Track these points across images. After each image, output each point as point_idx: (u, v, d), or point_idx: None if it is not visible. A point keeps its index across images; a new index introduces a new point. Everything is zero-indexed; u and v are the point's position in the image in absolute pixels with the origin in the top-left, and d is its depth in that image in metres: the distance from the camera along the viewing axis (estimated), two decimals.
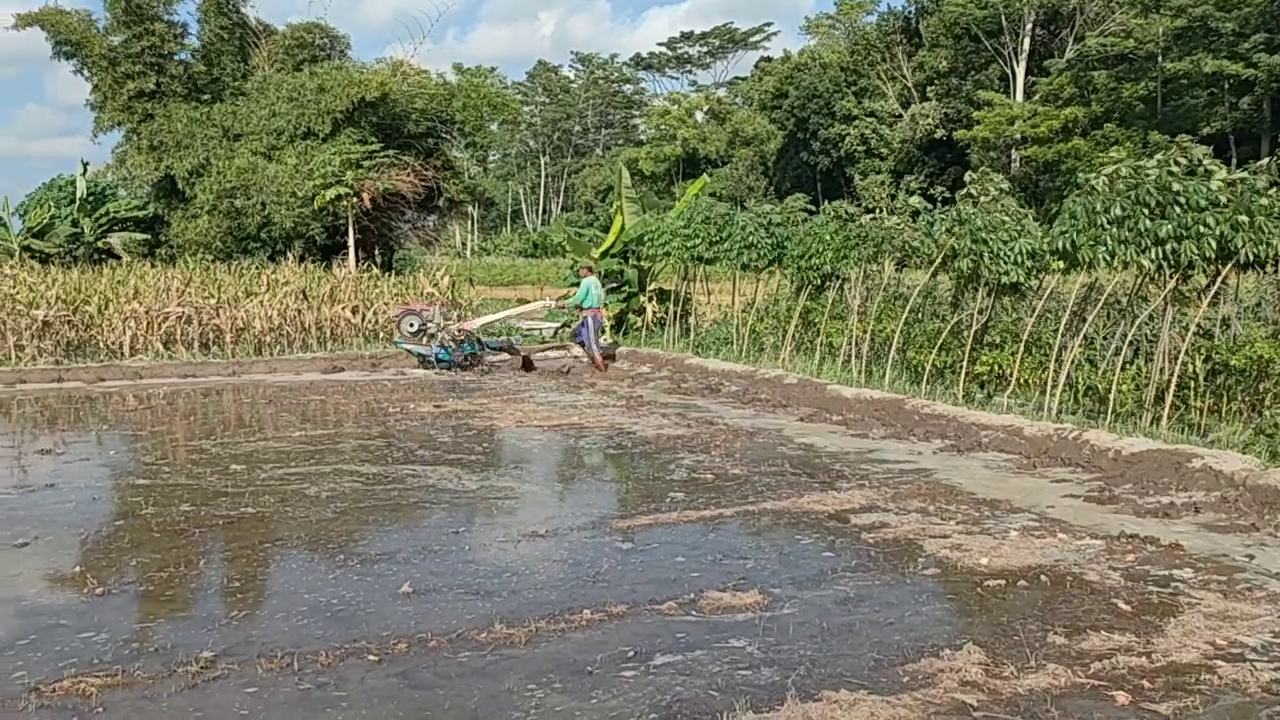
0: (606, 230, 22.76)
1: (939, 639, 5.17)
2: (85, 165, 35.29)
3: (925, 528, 7.26)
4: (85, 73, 32.23)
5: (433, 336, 17.52)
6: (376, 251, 31.41)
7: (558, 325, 20.63)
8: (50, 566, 6.54)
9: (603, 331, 18.01)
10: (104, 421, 13.04)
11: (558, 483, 9.62)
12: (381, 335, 20.43)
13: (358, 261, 28.21)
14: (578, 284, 18.55)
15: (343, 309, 20.61)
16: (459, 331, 17.66)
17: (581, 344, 18.09)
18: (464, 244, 71.23)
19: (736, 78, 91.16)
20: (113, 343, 18.63)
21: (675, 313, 19.85)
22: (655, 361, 17.86)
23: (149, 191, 34.14)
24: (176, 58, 32.60)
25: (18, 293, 18.43)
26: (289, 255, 26.07)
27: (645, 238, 19.74)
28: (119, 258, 31.11)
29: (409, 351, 17.80)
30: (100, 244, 33.67)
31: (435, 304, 18.80)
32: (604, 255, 21.39)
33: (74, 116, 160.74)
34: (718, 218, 17.68)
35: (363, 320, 20.79)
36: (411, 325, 17.67)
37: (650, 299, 21.45)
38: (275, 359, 18.56)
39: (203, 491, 8.52)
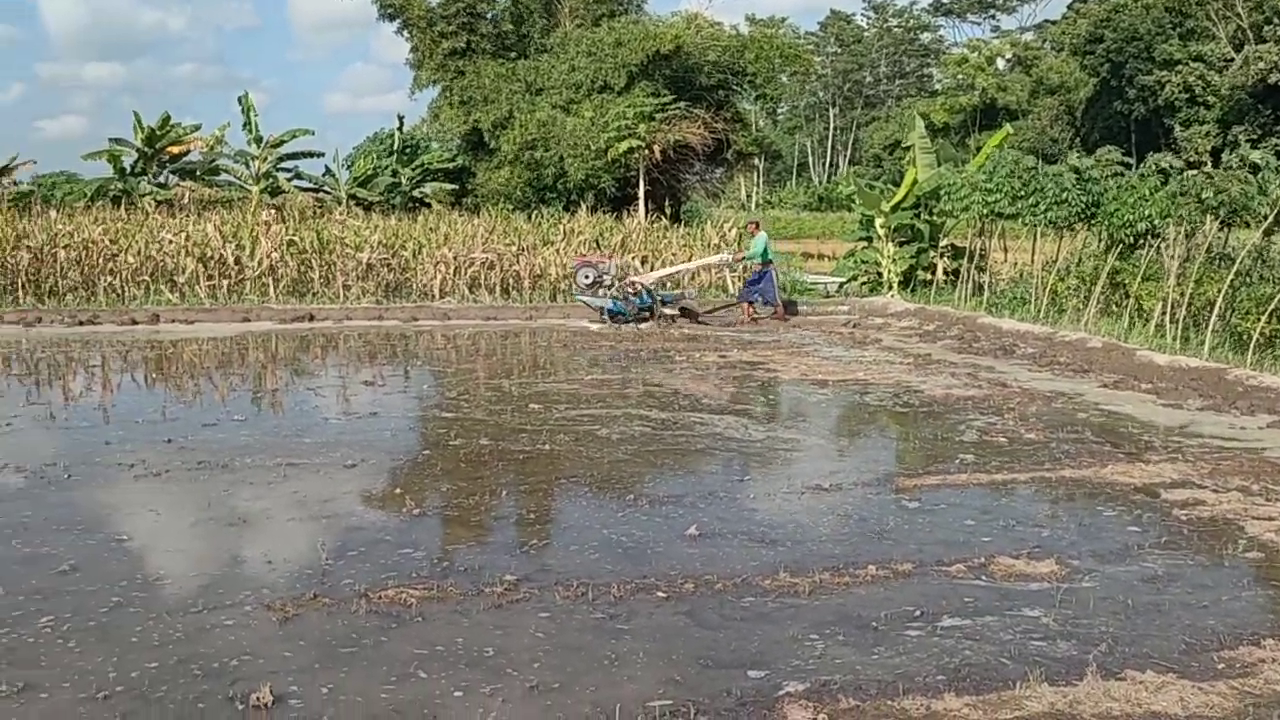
0: (896, 184, 22.08)
1: (1260, 627, 4.76)
2: (401, 119, 38.15)
3: (1248, 508, 6.65)
4: (405, 33, 34.53)
5: (608, 289, 17.64)
6: (665, 203, 32.00)
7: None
8: (374, 487, 7.18)
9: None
10: (416, 358, 14.11)
11: (841, 437, 9.54)
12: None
13: (647, 212, 28.85)
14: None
15: (633, 258, 21.19)
16: (632, 285, 17.73)
17: (751, 302, 18.70)
18: (749, 197, 71.40)
19: (1046, 21, 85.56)
20: (424, 285, 20.08)
21: (968, 270, 19.06)
22: (944, 319, 17.26)
23: (458, 144, 36.34)
24: (487, 16, 34.32)
25: (345, 237, 20.21)
26: (582, 206, 27.05)
27: (941, 191, 19.01)
28: (430, 206, 33.39)
29: (585, 304, 17.88)
30: (415, 193, 36.21)
31: (610, 257, 18.97)
32: (894, 209, 20.78)
33: (395, 73, 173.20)
34: (1023, 171, 16.74)
35: (651, 269, 21.29)
36: (587, 277, 17.75)
37: (941, 255, 20.71)
38: (569, 305, 19.37)
39: (501, 428, 9.05)
